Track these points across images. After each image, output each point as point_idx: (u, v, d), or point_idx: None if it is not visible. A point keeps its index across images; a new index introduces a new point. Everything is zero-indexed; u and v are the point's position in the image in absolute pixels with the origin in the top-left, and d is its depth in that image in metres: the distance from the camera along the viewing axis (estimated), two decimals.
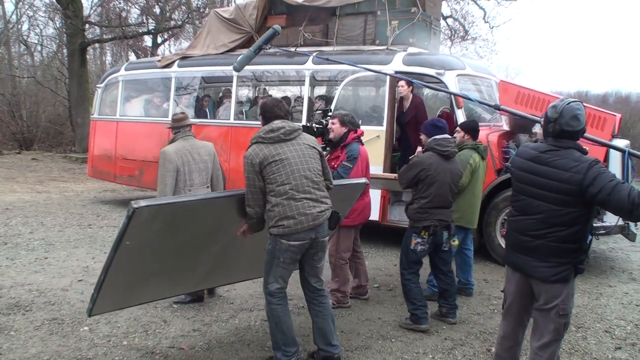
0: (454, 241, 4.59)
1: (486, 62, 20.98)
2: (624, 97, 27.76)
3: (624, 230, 6.34)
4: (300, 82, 9.08)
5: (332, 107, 7.06)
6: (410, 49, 7.32)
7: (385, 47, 7.43)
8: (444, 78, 6.77)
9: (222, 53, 8.88)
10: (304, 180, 3.50)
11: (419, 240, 4.44)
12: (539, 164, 2.95)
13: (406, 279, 4.50)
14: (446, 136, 4.54)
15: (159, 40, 22.91)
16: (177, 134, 4.78)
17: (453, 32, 21.63)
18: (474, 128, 5.31)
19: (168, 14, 20.87)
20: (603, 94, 29.49)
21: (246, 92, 10.55)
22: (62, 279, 5.53)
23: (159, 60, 9.72)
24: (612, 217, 5.68)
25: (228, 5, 17.83)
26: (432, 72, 6.83)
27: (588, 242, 3.01)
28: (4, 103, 19.35)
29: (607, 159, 6.06)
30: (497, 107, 4.03)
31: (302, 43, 7.98)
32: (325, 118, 4.98)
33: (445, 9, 19.50)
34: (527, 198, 3.00)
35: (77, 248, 6.77)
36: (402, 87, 7.00)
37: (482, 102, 4.84)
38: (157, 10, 21.06)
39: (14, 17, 21.80)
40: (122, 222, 3.06)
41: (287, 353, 3.58)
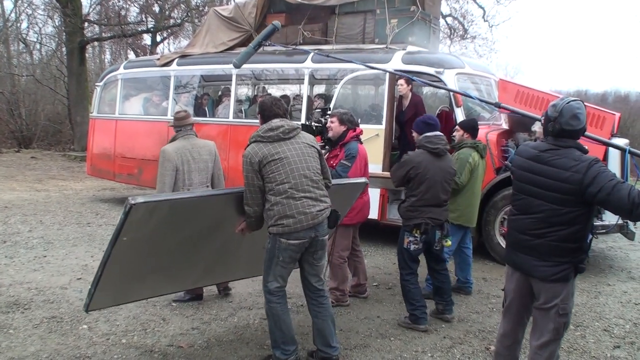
0: (446, 241, 4.49)
1: (485, 61, 21.00)
2: (623, 96, 27.85)
3: (622, 229, 6.35)
4: (300, 81, 9.07)
5: (331, 105, 7.07)
6: (410, 48, 7.32)
7: (385, 45, 7.43)
8: (443, 77, 6.76)
9: (221, 51, 8.87)
10: (303, 179, 3.50)
11: (411, 238, 4.41)
12: (539, 163, 2.94)
13: (404, 279, 4.48)
14: (437, 133, 4.48)
15: (158, 38, 22.89)
16: (179, 132, 4.76)
17: (452, 31, 21.61)
18: (473, 127, 5.31)
19: (167, 12, 20.86)
20: (602, 92, 29.60)
21: (245, 91, 10.55)
22: (61, 277, 5.52)
23: (158, 59, 9.71)
24: (612, 216, 5.68)
25: (227, 4, 17.80)
26: (432, 70, 6.82)
27: (588, 241, 3.00)
28: (3, 101, 19.33)
29: (606, 157, 6.06)
30: (498, 105, 4.02)
31: (301, 42, 7.97)
32: (324, 117, 4.98)
33: (444, 8, 19.52)
34: (527, 197, 2.99)
35: (76, 246, 6.77)
36: (402, 86, 7.00)
37: (482, 100, 4.84)
38: (156, 8, 21.07)
39: (13, 15, 21.79)
40: (120, 218, 3.07)
41: (286, 352, 3.58)
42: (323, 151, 4.43)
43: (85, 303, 3.41)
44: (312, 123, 5.00)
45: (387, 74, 6.91)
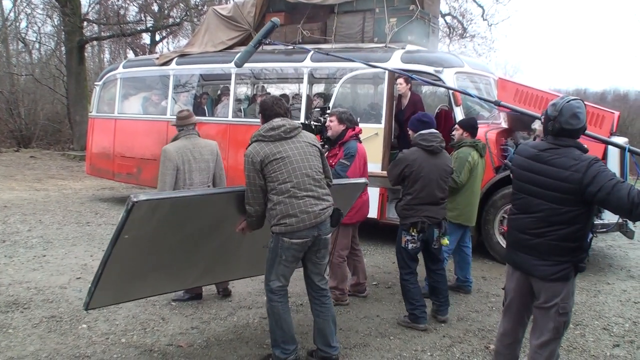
0: (443, 240, 4.47)
1: (485, 60, 20.96)
2: (623, 94, 27.82)
3: (622, 227, 6.35)
4: (299, 80, 9.06)
5: (330, 104, 7.06)
6: (409, 47, 7.32)
7: (384, 44, 7.43)
8: (443, 76, 6.76)
9: (220, 51, 8.87)
10: (306, 178, 3.49)
11: (408, 237, 4.39)
12: (538, 162, 2.94)
13: (404, 279, 4.47)
14: (432, 131, 4.44)
15: (157, 37, 22.87)
16: (181, 132, 4.76)
17: (451, 30, 21.59)
18: (472, 125, 5.31)
19: (166, 11, 20.84)
20: (601, 91, 29.56)
21: (244, 90, 10.54)
22: (61, 276, 5.52)
23: (157, 58, 9.70)
24: (611, 215, 5.68)
25: (226, 3, 17.78)
26: (431, 69, 6.82)
27: (588, 240, 3.00)
28: (2, 101, 19.30)
29: (605, 156, 6.06)
30: (498, 103, 4.01)
31: (300, 41, 7.96)
32: (323, 116, 4.98)
33: (443, 7, 19.46)
34: (527, 196, 2.99)
35: (76, 246, 6.76)
36: (401, 85, 7.00)
37: (482, 99, 4.83)
38: (155, 7, 21.04)
39: (12, 14, 21.79)
40: (121, 216, 3.06)
41: (286, 351, 3.58)
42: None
43: (85, 302, 3.41)
44: (312, 122, 5.00)
45: (387, 73, 6.91)
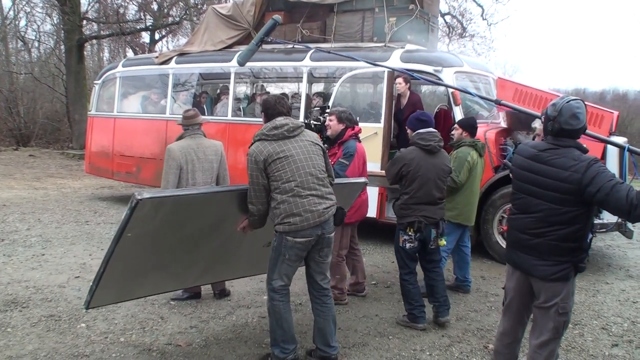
0: (441, 240, 4.44)
1: (484, 60, 20.95)
2: (622, 94, 27.89)
3: (621, 227, 6.36)
4: (298, 79, 9.05)
5: (329, 104, 7.06)
6: (408, 46, 7.32)
7: (383, 44, 7.43)
8: (442, 75, 6.76)
9: (219, 50, 8.86)
10: (309, 177, 3.49)
11: (405, 237, 4.38)
12: (538, 162, 2.94)
13: (403, 279, 4.46)
14: (430, 130, 4.41)
15: (157, 36, 22.80)
16: (186, 131, 4.76)
17: (451, 29, 21.58)
18: (472, 125, 5.30)
19: (166, 10, 20.80)
20: (601, 91, 29.63)
21: (244, 89, 10.53)
22: (59, 275, 5.52)
23: (157, 57, 9.68)
24: (610, 215, 5.68)
25: (226, 2, 17.75)
26: (430, 69, 6.82)
27: (588, 240, 2.99)
28: (1, 99, 19.29)
29: (604, 156, 6.07)
30: (498, 102, 4.01)
31: (299, 40, 7.96)
32: (323, 115, 4.98)
33: (443, 6, 19.46)
34: (527, 196, 2.99)
35: (74, 245, 6.76)
36: (400, 85, 7.00)
37: (483, 97, 4.81)
38: (155, 6, 21.00)
39: (11, 13, 21.75)
40: (125, 214, 3.04)
41: (285, 350, 3.58)
42: None
43: (86, 300, 3.40)
44: (311, 121, 5.00)
45: (386, 72, 6.91)
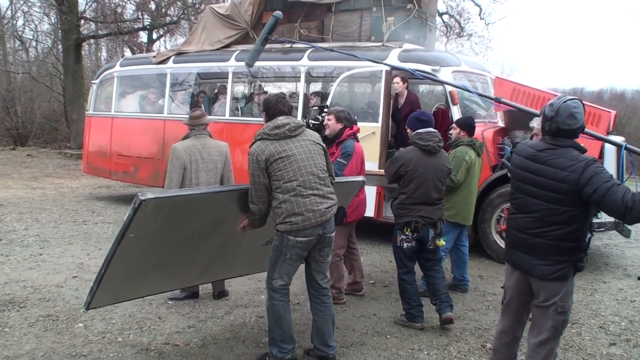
0: (439, 240, 4.42)
1: (482, 59, 20.87)
2: (619, 93, 27.93)
3: (619, 226, 6.37)
4: (296, 79, 9.05)
5: (327, 103, 7.06)
6: (406, 46, 7.32)
7: (381, 43, 7.43)
8: (440, 74, 6.76)
9: (217, 49, 8.86)
10: (311, 177, 3.49)
11: (403, 237, 4.37)
12: (536, 162, 2.94)
13: (401, 278, 4.46)
14: (429, 130, 4.39)
15: (155, 36, 22.76)
16: (192, 131, 4.77)
17: (449, 29, 21.59)
18: (470, 124, 5.31)
19: (163, 9, 20.76)
20: (598, 90, 29.66)
21: (241, 89, 10.52)
22: (57, 275, 5.51)
23: (154, 57, 9.68)
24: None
25: (224, 1, 17.75)
26: (428, 68, 6.81)
27: (587, 240, 3.00)
28: None
29: (602, 155, 6.07)
30: (497, 100, 4.00)
31: (297, 39, 7.96)
32: (321, 114, 4.97)
33: (440, 6, 19.47)
34: (525, 196, 2.99)
35: (72, 244, 6.75)
36: (397, 84, 7.00)
37: (482, 95, 4.81)
38: (153, 6, 20.96)
39: (9, 12, 21.74)
40: (127, 214, 3.04)
41: (284, 350, 3.57)
42: None
43: (87, 301, 3.38)
44: (310, 121, 5.00)
45: (384, 72, 6.91)
